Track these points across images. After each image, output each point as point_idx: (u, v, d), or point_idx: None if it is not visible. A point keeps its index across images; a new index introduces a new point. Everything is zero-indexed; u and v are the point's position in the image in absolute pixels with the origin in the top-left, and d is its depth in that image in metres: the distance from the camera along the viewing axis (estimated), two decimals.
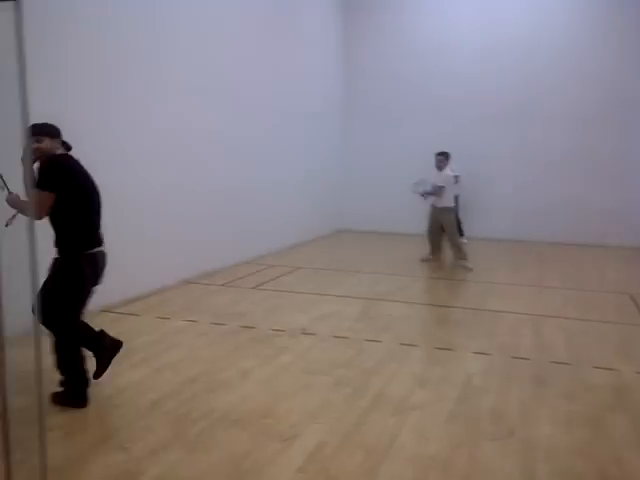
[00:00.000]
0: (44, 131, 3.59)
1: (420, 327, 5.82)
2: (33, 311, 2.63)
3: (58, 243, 3.63)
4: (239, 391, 3.98)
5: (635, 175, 11.06)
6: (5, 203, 3.56)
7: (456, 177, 9.40)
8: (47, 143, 3.59)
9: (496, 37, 11.62)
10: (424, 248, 9.48)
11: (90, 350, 3.80)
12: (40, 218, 3.46)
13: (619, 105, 11.05)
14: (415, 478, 2.93)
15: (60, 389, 3.73)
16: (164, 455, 3.10)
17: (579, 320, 6.01)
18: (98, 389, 3.92)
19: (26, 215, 2.63)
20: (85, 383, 3.71)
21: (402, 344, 5.09)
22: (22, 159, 3.24)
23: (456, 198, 9.52)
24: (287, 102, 9.92)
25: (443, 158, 8.79)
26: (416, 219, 10.73)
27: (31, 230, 2.10)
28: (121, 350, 3.97)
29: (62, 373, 3.72)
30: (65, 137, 3.73)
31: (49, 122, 3.62)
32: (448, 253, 9.34)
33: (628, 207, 11.10)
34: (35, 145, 3.51)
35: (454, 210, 9.16)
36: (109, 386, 3.99)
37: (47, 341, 3.56)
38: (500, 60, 11.63)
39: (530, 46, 11.45)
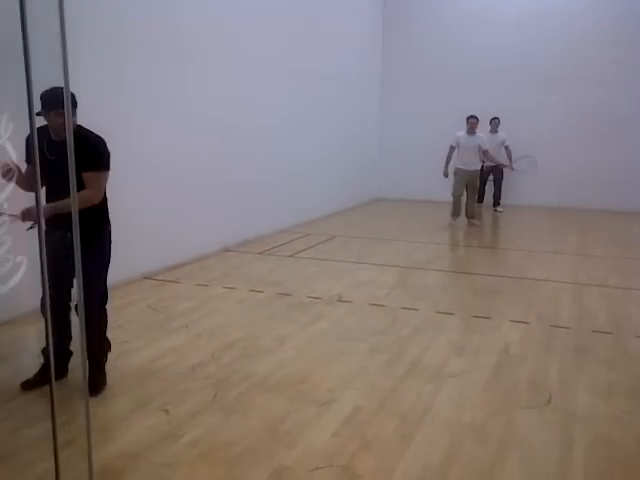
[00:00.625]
0: (75, 102, 3.06)
1: (457, 295, 5.77)
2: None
3: (88, 220, 2.89)
4: (276, 357, 4.05)
5: None
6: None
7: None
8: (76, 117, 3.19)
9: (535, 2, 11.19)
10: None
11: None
12: (99, 201, 3.30)
13: None
14: (450, 445, 2.94)
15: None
16: (203, 418, 3.19)
17: (622, 288, 5.86)
18: (139, 355, 4.04)
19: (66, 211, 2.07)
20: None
21: (438, 312, 5.07)
22: (56, 137, 3.09)
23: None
24: (324, 71, 9.78)
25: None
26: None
27: (75, 226, 1.91)
28: (162, 316, 4.05)
29: (94, 358, 3.45)
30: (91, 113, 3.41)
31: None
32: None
33: None
34: (75, 121, 3.13)
35: None
36: (150, 351, 4.11)
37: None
38: (540, 26, 11.20)
39: (570, 12, 11.00)
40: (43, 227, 1.99)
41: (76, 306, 2.47)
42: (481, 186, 10.35)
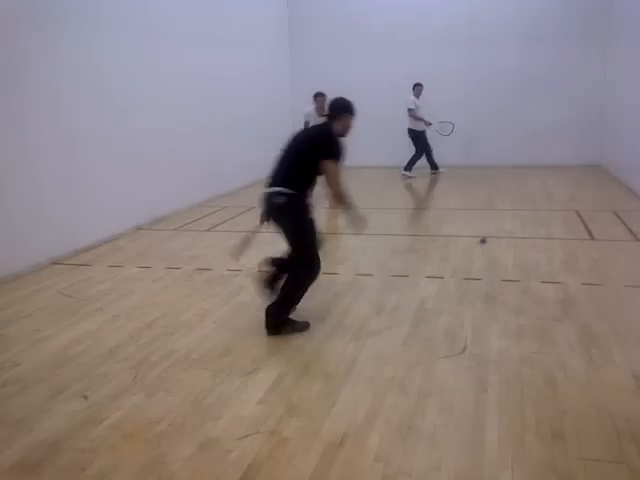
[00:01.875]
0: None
1: (376, 257, 5.89)
2: None
3: (296, 189, 3.86)
4: (198, 332, 3.99)
5: (573, 92, 11.17)
6: None
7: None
8: None
9: None
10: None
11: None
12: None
13: (556, 24, 11.08)
14: (373, 400, 3.02)
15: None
16: (125, 399, 3.11)
17: (528, 238, 6.18)
18: (53, 342, 3.87)
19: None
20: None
21: (358, 274, 5.16)
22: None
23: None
24: (231, 39, 9.52)
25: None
26: (386, 151, 10.86)
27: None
28: (74, 301, 3.90)
29: (281, 293, 3.93)
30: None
31: None
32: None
33: (569, 125, 11.27)
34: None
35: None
36: (65, 337, 3.94)
37: None
38: None
39: None
40: None
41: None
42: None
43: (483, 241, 5.89)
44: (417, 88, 10.64)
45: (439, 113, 11.45)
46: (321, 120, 4.14)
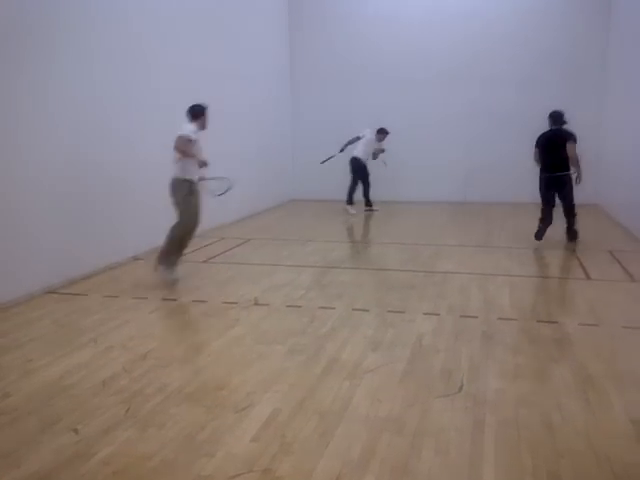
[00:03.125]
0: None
1: (372, 292, 5.88)
2: None
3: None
4: (192, 365, 3.96)
5: None
6: None
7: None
8: None
9: (440, 3, 11.69)
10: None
11: None
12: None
13: (554, 67, 11.31)
14: (369, 439, 2.98)
15: None
16: (116, 434, 3.06)
17: (524, 277, 6.19)
18: (45, 373, 3.83)
19: None
20: None
21: (355, 309, 5.15)
22: None
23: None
24: (231, 72, 9.69)
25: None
26: (383, 187, 10.97)
27: None
28: (68, 331, 3.87)
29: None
30: None
31: None
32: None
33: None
34: None
35: None
36: (58, 368, 3.90)
37: None
38: (442, 26, 11.70)
39: (465, 14, 11.58)
40: None
41: None
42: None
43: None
44: (379, 135, 10.82)
45: (438, 151, 11.63)
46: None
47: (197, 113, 5.98)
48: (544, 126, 7.91)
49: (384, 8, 11.93)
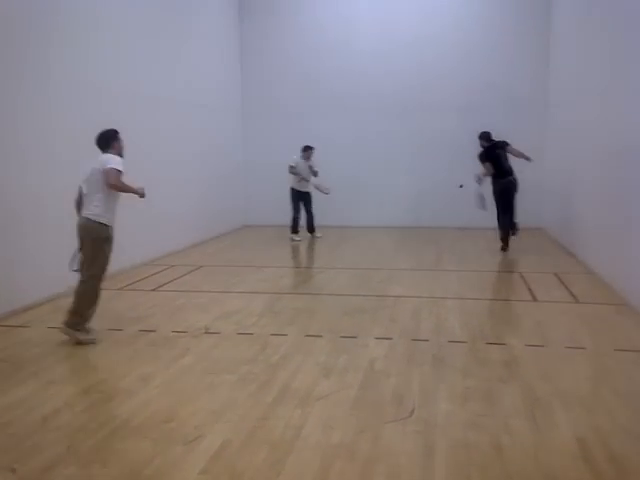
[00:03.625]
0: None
1: (325, 317, 5.86)
2: None
3: None
4: (139, 397, 3.83)
5: (518, 161, 11.75)
6: None
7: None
8: None
9: (389, 35, 12.01)
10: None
11: None
12: None
13: (496, 93, 11.76)
14: (321, 467, 2.94)
15: None
16: (57, 472, 2.92)
17: (473, 299, 6.31)
18: None
19: None
20: None
21: (307, 335, 5.12)
22: None
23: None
24: (183, 97, 9.66)
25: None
26: (318, 210, 10.93)
27: None
28: (7, 365, 3.70)
29: None
30: None
31: None
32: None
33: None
34: None
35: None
36: None
37: None
38: (390, 56, 12.02)
39: (417, 44, 11.92)
40: None
41: None
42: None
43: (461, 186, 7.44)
44: (305, 153, 10.66)
45: (389, 177, 11.83)
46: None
47: (110, 139, 5.06)
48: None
49: (335, 38, 12.19)
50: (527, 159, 9.14)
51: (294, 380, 4.09)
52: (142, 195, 5.24)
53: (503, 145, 9.15)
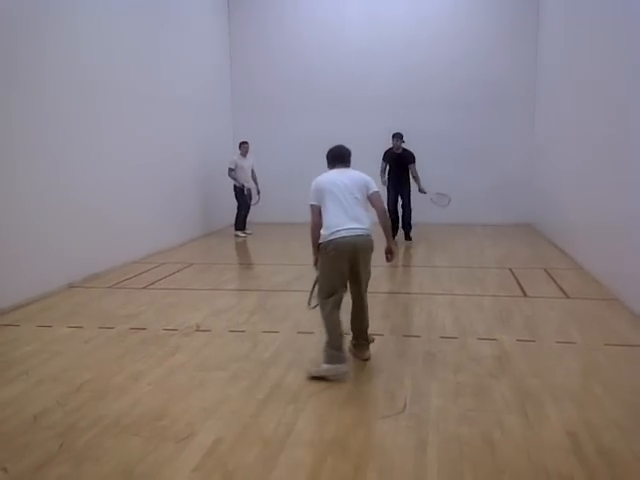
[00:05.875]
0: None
1: (317, 314, 5.84)
2: None
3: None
4: (130, 395, 3.81)
5: (504, 155, 11.84)
6: None
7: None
8: None
9: (379, 31, 12.00)
10: None
11: None
12: None
13: (490, 92, 11.79)
14: (314, 463, 2.95)
15: None
16: (49, 470, 2.91)
17: (464, 295, 6.33)
18: None
19: None
20: None
21: (299, 332, 5.12)
22: None
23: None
24: (171, 95, 9.61)
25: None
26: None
27: None
28: None
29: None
30: None
31: None
32: None
33: (500, 186, 11.85)
34: None
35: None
36: None
37: None
38: (381, 55, 12.01)
39: (413, 40, 11.92)
40: None
41: None
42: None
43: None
44: (243, 146, 10.82)
45: (376, 173, 11.83)
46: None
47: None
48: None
49: (326, 35, 12.17)
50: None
51: (286, 377, 4.09)
52: None
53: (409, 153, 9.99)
